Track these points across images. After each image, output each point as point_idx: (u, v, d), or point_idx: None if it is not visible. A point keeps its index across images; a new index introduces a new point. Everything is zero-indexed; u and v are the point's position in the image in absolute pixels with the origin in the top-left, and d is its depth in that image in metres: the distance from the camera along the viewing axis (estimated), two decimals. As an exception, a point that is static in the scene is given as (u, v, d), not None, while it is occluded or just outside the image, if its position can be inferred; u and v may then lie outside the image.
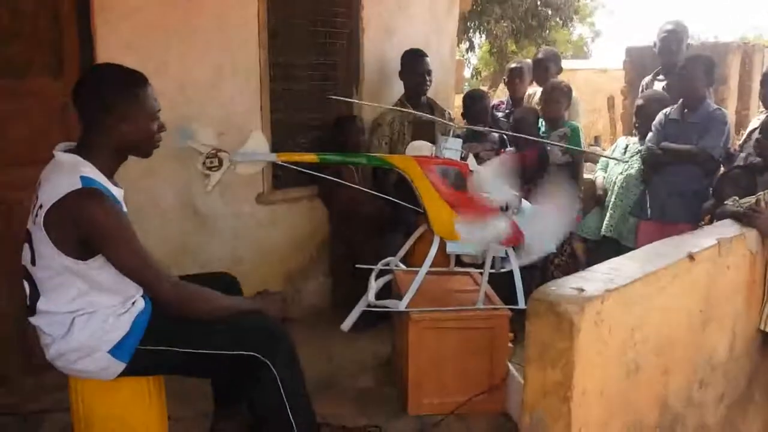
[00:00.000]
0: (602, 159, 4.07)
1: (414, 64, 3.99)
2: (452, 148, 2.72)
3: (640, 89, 4.23)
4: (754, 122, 3.47)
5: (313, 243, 4.01)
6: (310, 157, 2.69)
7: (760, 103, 3.52)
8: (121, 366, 1.94)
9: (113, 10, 3.00)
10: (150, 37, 3.16)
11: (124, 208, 1.97)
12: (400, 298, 2.69)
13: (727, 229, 2.45)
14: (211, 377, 2.29)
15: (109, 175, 1.96)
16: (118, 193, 1.96)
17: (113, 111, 1.91)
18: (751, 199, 2.66)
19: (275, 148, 3.38)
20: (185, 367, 2.06)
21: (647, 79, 4.20)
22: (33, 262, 1.89)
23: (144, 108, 1.97)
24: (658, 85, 3.99)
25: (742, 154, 3.25)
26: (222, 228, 3.55)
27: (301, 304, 3.87)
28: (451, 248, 2.73)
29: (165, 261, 2.09)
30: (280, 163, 2.65)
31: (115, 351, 1.93)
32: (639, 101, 3.80)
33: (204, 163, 2.47)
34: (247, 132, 2.68)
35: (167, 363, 2.02)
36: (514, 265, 2.71)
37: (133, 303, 1.99)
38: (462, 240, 2.63)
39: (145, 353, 1.96)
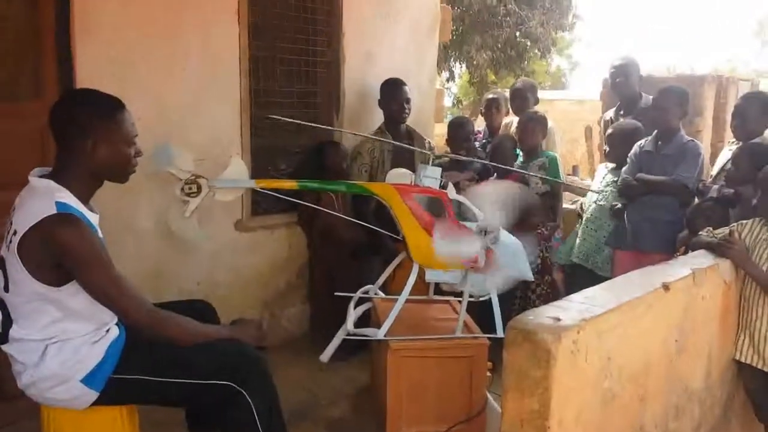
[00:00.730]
0: (591, 186, 4.12)
1: (393, 93, 4.03)
2: (431, 176, 2.74)
3: (603, 124, 4.34)
4: (725, 153, 3.54)
5: (292, 270, 4.00)
6: (290, 184, 2.69)
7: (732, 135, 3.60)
8: (93, 395, 1.91)
9: (94, 33, 3.00)
10: (131, 61, 3.16)
11: (100, 234, 1.95)
12: (378, 326, 2.68)
13: (701, 259, 2.48)
14: (185, 406, 2.25)
15: (85, 201, 1.95)
16: (93, 218, 1.94)
17: (89, 136, 1.90)
18: (725, 230, 2.70)
19: (256, 174, 3.38)
20: (159, 396, 2.03)
21: (610, 113, 4.27)
22: (6, 289, 1.87)
23: (120, 133, 1.96)
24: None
25: (715, 186, 3.31)
26: (200, 253, 3.52)
27: (278, 332, 3.85)
28: (431, 276, 2.73)
29: (141, 286, 2.07)
30: (259, 189, 2.64)
31: (88, 380, 1.90)
32: (609, 131, 3.88)
33: (183, 189, 2.45)
34: (227, 158, 2.68)
35: (141, 392, 1.98)
36: (493, 294, 2.72)
37: (107, 330, 1.97)
38: (437, 256, 2.62)
39: (118, 382, 1.93)
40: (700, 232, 2.79)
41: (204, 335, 2.06)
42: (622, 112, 4.15)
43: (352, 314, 2.89)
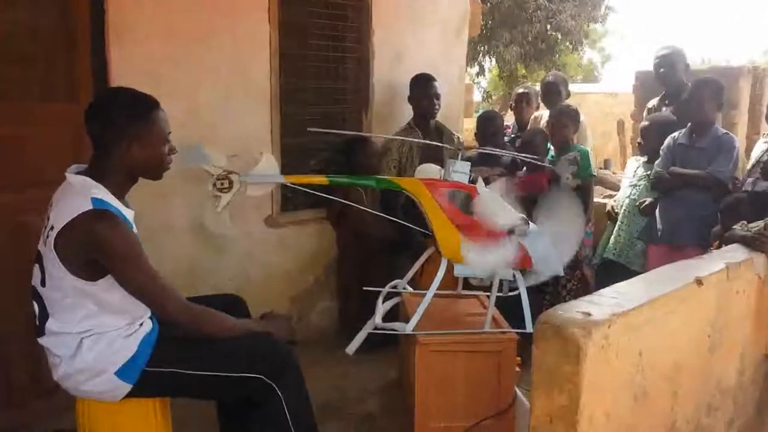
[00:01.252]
0: (622, 181, 4.07)
1: (423, 88, 4.03)
2: (461, 171, 2.73)
3: (646, 112, 4.25)
4: (760, 145, 3.46)
5: (321, 265, 4.02)
6: (320, 179, 2.71)
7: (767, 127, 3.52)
8: (127, 387, 1.95)
9: (127, 36, 3.06)
10: (164, 63, 3.21)
11: (135, 230, 1.98)
12: (407, 320, 2.69)
13: (735, 253, 2.44)
14: (217, 400, 2.29)
15: (120, 197, 1.98)
16: (129, 214, 1.98)
17: (124, 134, 1.93)
18: (760, 224, 2.65)
19: (286, 171, 3.41)
20: (191, 389, 2.06)
21: (654, 102, 4.21)
22: (43, 284, 1.91)
23: (155, 131, 1.99)
24: (667, 110, 4.00)
25: (750, 179, 3.24)
26: (231, 250, 3.57)
27: (308, 327, 3.88)
28: (459, 271, 2.73)
29: (176, 282, 2.11)
30: (289, 185, 2.67)
31: (122, 372, 1.93)
32: (644, 123, 3.82)
33: (215, 184, 2.48)
34: (257, 154, 2.71)
35: (173, 385, 2.02)
36: (522, 289, 2.71)
37: (141, 324, 2.00)
38: (471, 265, 2.63)
39: (151, 375, 1.97)
40: (734, 226, 2.74)
41: (237, 329, 2.08)
42: (666, 102, 4.07)
43: (381, 308, 2.91)
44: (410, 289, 3.12)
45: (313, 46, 3.97)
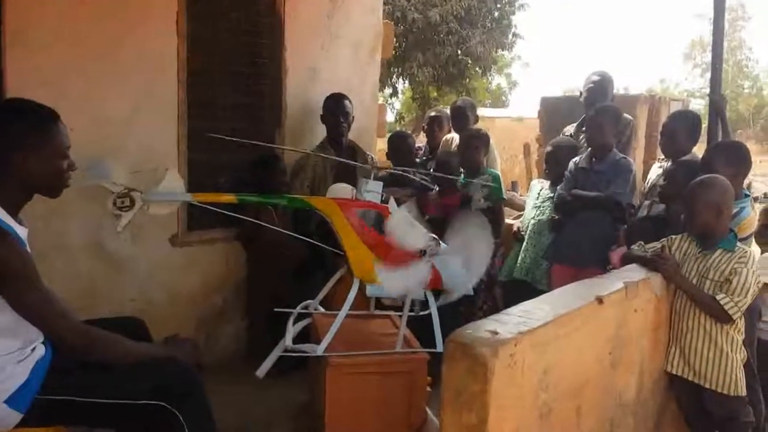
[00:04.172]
0: (527, 202, 4.18)
1: (334, 107, 4.03)
2: (373, 190, 2.73)
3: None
4: (655, 169, 3.66)
5: (230, 286, 3.92)
6: (228, 198, 2.63)
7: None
8: (18, 417, 1.83)
9: (26, 44, 2.91)
10: (65, 72, 3.09)
11: (28, 248, 1.89)
12: (318, 342, 2.64)
13: (633, 273, 2.55)
14: (116, 429, 2.17)
15: (14, 214, 1.89)
16: (22, 232, 1.89)
17: (20, 147, 1.85)
18: (656, 245, 2.79)
19: (193, 188, 3.31)
20: (88, 418, 1.96)
21: (571, 128, 4.24)
22: None
23: (53, 145, 1.92)
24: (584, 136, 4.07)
25: (647, 202, 3.42)
26: (133, 270, 3.42)
27: (215, 350, 3.76)
28: (371, 291, 2.71)
29: (72, 304, 2.01)
30: (195, 203, 2.58)
31: (12, 401, 1.82)
32: (548, 148, 3.96)
33: (115, 202, 2.36)
34: (162, 171, 2.61)
35: (68, 413, 1.91)
36: (433, 309, 2.72)
37: (33, 349, 1.90)
38: (384, 288, 2.62)
39: (44, 403, 1.86)
40: (632, 247, 2.88)
41: (136, 354, 2.00)
42: (584, 128, 4.09)
43: (291, 330, 2.84)
44: (322, 310, 3.07)
45: (223, 60, 3.89)
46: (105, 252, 3.28)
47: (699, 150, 3.44)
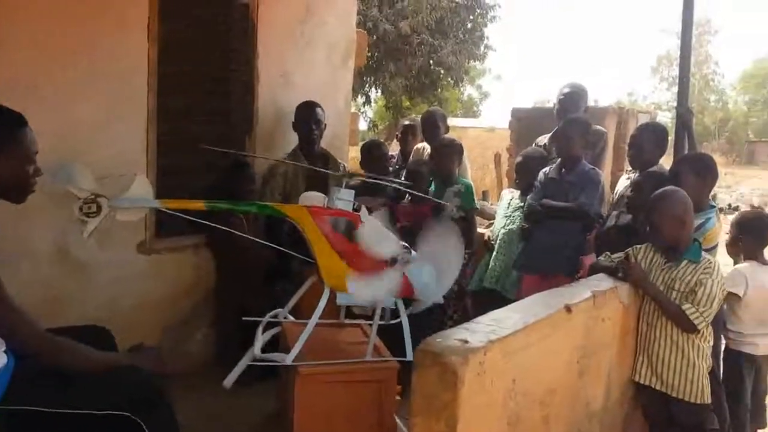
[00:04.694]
0: (498, 212, 4.20)
1: (306, 115, 4.02)
2: (345, 198, 2.72)
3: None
4: (623, 181, 3.72)
5: (199, 294, 3.86)
6: (198, 205, 2.60)
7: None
8: (-24, 428, 1.77)
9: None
10: (34, 74, 3.02)
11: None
12: (287, 351, 2.62)
13: (601, 282, 2.58)
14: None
15: (-25, 220, 1.83)
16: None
17: None
18: (621, 255, 2.83)
19: (162, 194, 3.26)
20: (49, 428, 1.90)
21: (544, 139, 4.24)
22: None
23: (20, 150, 1.90)
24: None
25: (615, 212, 3.47)
26: (100, 277, 3.35)
27: (182, 359, 3.69)
28: (341, 300, 2.70)
29: (36, 311, 1.96)
30: (164, 210, 2.54)
31: (-29, 412, 1.76)
32: (518, 158, 4.00)
33: (81, 208, 2.32)
34: (130, 177, 2.57)
35: (31, 424, 1.86)
36: (403, 317, 2.72)
37: (-6, 358, 1.84)
38: (354, 297, 2.61)
39: (4, 413, 1.81)
40: (599, 258, 2.91)
41: (101, 363, 1.97)
42: None
43: (260, 338, 2.82)
44: (292, 319, 3.05)
45: (195, 66, 3.86)
46: (71, 258, 3.21)
47: (666, 162, 3.50)
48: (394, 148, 5.50)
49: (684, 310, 2.59)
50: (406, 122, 5.02)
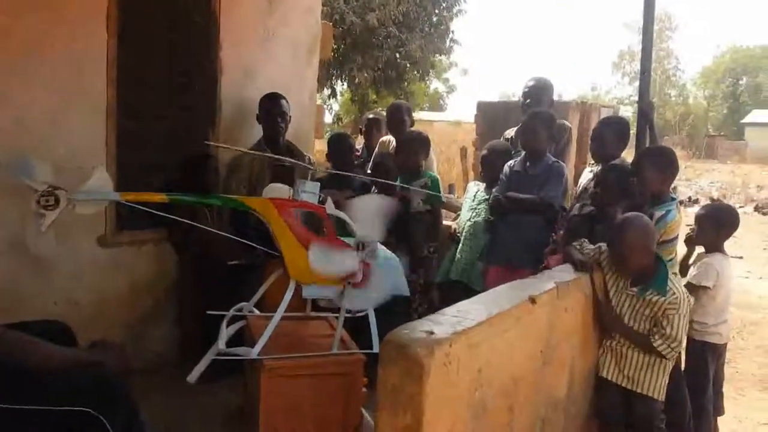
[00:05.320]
0: (463, 204, 4.22)
1: (270, 107, 3.98)
2: (310, 191, 2.70)
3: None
4: (586, 174, 3.77)
5: (160, 288, 3.81)
6: (159, 197, 2.55)
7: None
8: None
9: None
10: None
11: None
12: (252, 344, 2.59)
13: (564, 273, 2.61)
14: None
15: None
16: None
17: None
18: (594, 249, 2.85)
19: (123, 188, 3.20)
20: (9, 426, 1.85)
21: (511, 132, 4.25)
22: None
23: None
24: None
25: (578, 204, 3.51)
26: (58, 271, 3.28)
27: (145, 354, 3.63)
28: (308, 292, 2.69)
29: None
30: (124, 202, 2.49)
31: None
32: (483, 152, 4.02)
33: (39, 201, 2.25)
34: (89, 169, 2.51)
35: (-12, 422, 1.80)
36: (369, 309, 2.72)
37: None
38: (312, 268, 2.58)
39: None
40: (573, 244, 2.93)
41: (59, 359, 1.92)
42: None
43: (224, 333, 2.78)
44: (257, 312, 3.02)
45: (157, 58, 3.78)
46: (28, 252, 3.12)
47: (628, 155, 3.56)
48: (359, 142, 5.48)
49: (656, 347, 2.64)
50: (371, 116, 5.01)
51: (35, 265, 3.18)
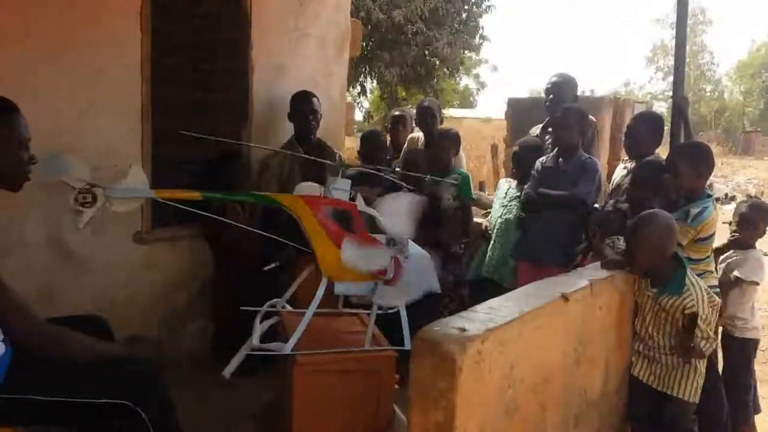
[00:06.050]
0: (495, 201, 4.20)
1: (301, 105, 4.01)
2: (341, 188, 2.71)
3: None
4: (620, 170, 3.71)
5: (194, 284, 3.86)
6: (193, 195, 2.59)
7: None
8: (-27, 416, 1.78)
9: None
10: (22, 64, 3.00)
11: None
12: (286, 340, 2.61)
13: (597, 271, 2.58)
14: (78, 428, 2.12)
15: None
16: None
17: None
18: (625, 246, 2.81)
19: (157, 184, 3.25)
20: (48, 417, 1.92)
21: (537, 129, 4.24)
22: None
23: (12, 135, 1.90)
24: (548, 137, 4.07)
25: (611, 201, 3.47)
26: (95, 268, 3.35)
27: (179, 349, 3.69)
28: (339, 289, 2.70)
29: (31, 302, 1.95)
30: (159, 200, 2.53)
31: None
32: (515, 148, 3.99)
33: (76, 198, 2.30)
34: (125, 167, 2.56)
35: (29, 413, 1.87)
36: (401, 306, 2.72)
37: (-8, 347, 1.84)
38: (344, 265, 2.59)
39: (2, 402, 1.81)
40: (606, 241, 2.89)
41: (98, 352, 1.97)
42: (549, 130, 4.03)
43: (258, 328, 2.81)
44: (289, 308, 3.05)
45: (189, 56, 3.84)
46: (66, 249, 3.20)
47: (662, 151, 3.50)
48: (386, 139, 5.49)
49: (697, 348, 2.52)
50: (396, 113, 5.02)
51: (73, 262, 3.25)
